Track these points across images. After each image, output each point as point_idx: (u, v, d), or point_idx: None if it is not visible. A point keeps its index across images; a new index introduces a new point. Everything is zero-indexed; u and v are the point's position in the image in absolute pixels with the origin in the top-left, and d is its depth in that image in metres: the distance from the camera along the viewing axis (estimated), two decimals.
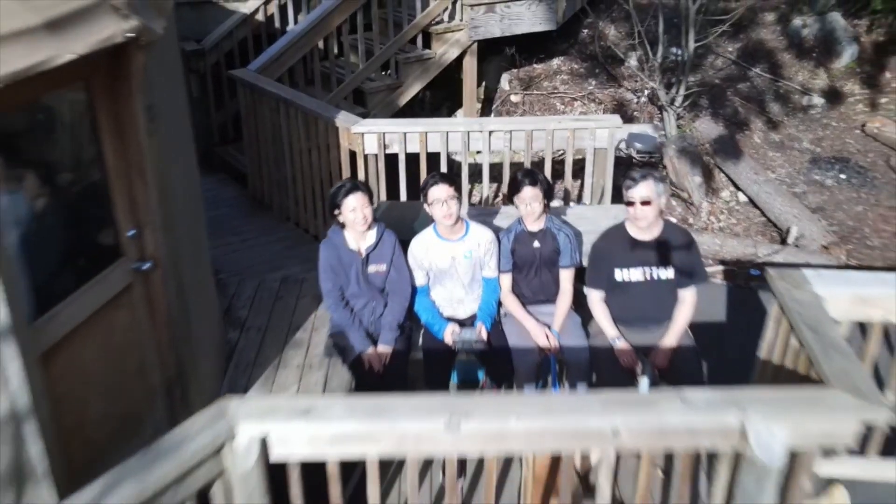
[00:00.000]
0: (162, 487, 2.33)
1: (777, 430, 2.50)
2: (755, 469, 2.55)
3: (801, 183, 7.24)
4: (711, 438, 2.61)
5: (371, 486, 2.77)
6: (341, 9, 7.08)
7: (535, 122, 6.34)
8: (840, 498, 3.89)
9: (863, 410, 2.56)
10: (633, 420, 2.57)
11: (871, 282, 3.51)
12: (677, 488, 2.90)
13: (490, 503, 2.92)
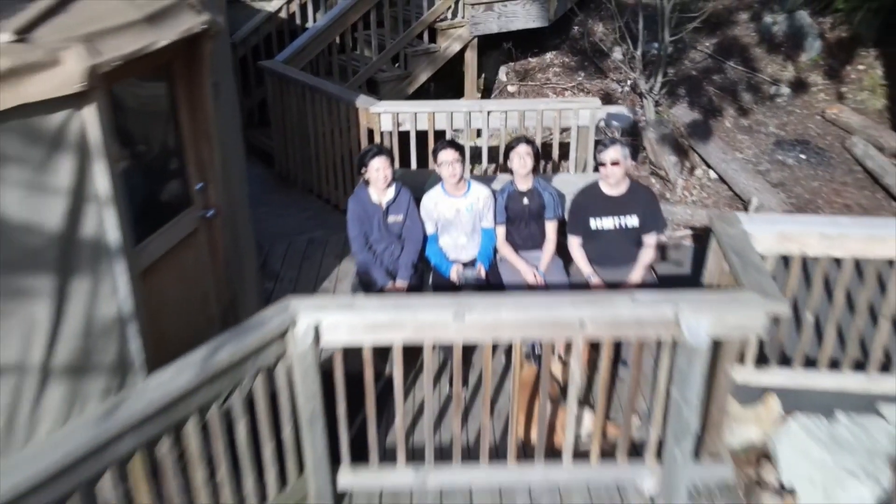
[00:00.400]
0: (245, 355, 3.13)
1: (702, 320, 3.29)
2: (686, 351, 3.34)
3: (765, 162, 8.02)
4: (655, 329, 3.40)
5: (396, 370, 3.56)
6: (357, 7, 7.87)
7: (527, 103, 7.13)
8: (773, 404, 4.68)
9: (769, 305, 3.35)
10: (596, 313, 3.37)
11: (791, 222, 4.31)
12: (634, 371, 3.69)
13: (487, 388, 3.71)
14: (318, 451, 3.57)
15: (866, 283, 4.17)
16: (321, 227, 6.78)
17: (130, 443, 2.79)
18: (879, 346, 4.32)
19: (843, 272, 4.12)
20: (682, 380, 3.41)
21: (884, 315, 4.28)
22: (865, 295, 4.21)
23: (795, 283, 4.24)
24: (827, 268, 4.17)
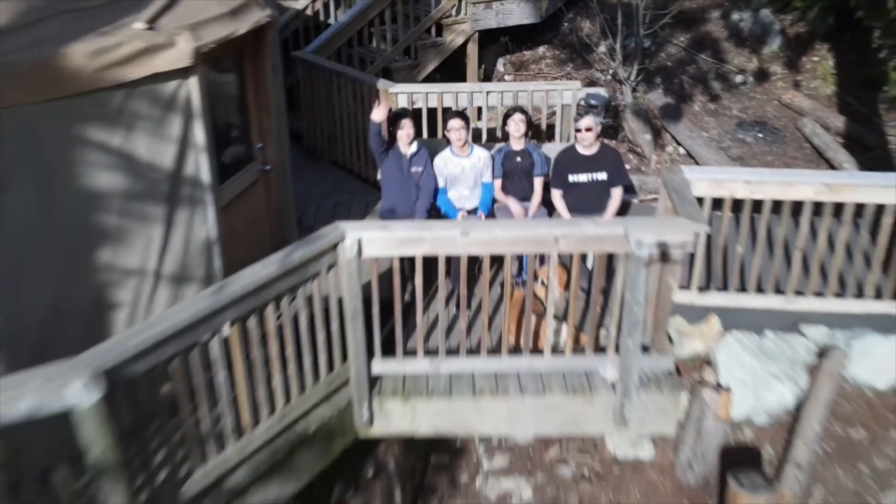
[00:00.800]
0: (311, 257, 4.19)
1: (646, 236, 4.35)
2: (635, 261, 4.40)
3: (727, 140, 9.07)
4: (611, 243, 4.47)
5: (417, 277, 4.62)
6: (374, 6, 8.92)
7: (519, 85, 8.21)
8: (714, 322, 5.75)
9: (695, 226, 4.42)
10: (566, 231, 4.45)
11: (721, 172, 5.38)
12: (596, 280, 4.76)
13: (485, 295, 4.77)
14: (358, 342, 4.64)
15: (783, 221, 5.25)
16: (345, 192, 7.84)
17: (231, 314, 3.86)
18: (795, 273, 5.40)
19: (763, 212, 5.20)
20: (632, 284, 4.47)
21: (797, 247, 5.36)
22: (782, 231, 5.29)
23: (727, 222, 5.32)
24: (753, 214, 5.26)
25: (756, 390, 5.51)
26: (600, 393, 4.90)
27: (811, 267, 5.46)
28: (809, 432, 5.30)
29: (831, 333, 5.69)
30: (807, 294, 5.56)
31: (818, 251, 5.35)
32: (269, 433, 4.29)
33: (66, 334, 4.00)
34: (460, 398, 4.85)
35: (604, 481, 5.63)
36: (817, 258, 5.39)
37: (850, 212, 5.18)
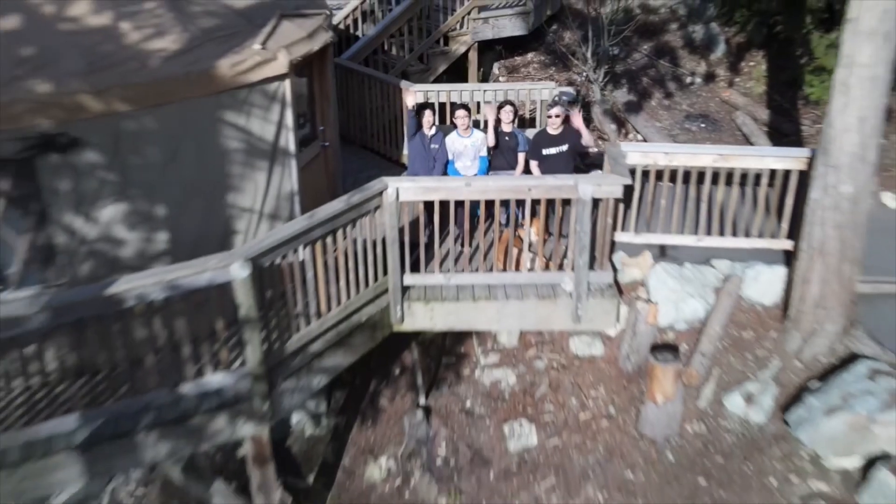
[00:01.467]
0: (364, 200, 6.14)
1: (588, 186, 6.31)
2: (581, 203, 6.36)
3: (676, 129, 10.99)
4: (566, 192, 6.42)
5: (435, 216, 6.58)
6: (395, 22, 10.83)
7: (509, 85, 10.16)
8: (647, 256, 7.68)
9: (622, 181, 6.37)
10: (535, 183, 6.41)
11: (647, 146, 7.32)
12: (556, 219, 6.71)
13: (481, 237, 6.72)
14: (395, 261, 6.58)
15: (692, 181, 7.21)
16: (374, 168, 9.75)
17: (317, 233, 5.81)
18: (703, 220, 7.36)
19: (678, 176, 7.16)
20: (580, 219, 6.41)
21: (703, 200, 7.31)
22: (695, 189, 7.25)
23: (653, 183, 7.28)
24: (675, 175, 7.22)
25: (676, 305, 7.46)
26: (562, 299, 6.84)
27: (713, 215, 7.42)
28: (713, 332, 7.28)
29: (732, 265, 7.63)
30: (713, 235, 7.51)
31: (718, 203, 7.31)
32: (337, 318, 6.24)
33: (207, 248, 5.95)
34: (464, 302, 6.79)
35: (567, 370, 7.60)
36: (718, 208, 7.34)
37: (739, 175, 7.14)
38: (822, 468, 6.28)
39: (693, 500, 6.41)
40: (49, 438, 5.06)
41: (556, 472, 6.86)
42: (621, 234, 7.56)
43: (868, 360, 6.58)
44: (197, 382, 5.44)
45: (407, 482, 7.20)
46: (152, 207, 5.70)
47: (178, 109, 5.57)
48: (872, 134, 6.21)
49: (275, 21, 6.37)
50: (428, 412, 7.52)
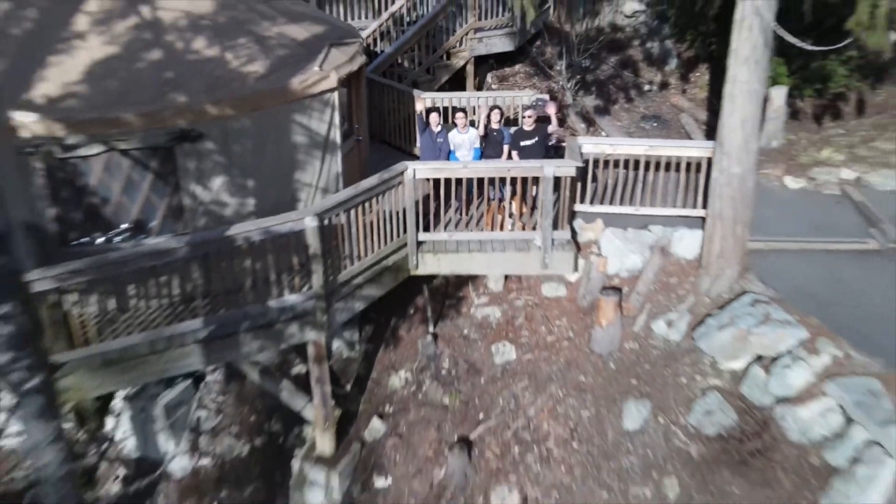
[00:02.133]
0: (391, 177, 8.41)
1: (550, 168, 8.57)
2: (545, 180, 8.62)
3: (633, 127, 13.20)
4: (536, 172, 8.69)
5: (443, 189, 8.84)
6: (408, 41, 13.05)
7: (498, 93, 12.38)
8: (600, 222, 9.93)
9: (574, 164, 8.63)
10: (514, 166, 8.69)
11: (599, 140, 9.57)
12: (530, 195, 8.95)
13: (474, 209, 8.97)
14: (411, 222, 8.81)
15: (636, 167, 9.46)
16: (392, 158, 11.94)
17: (361, 199, 8.06)
18: (638, 192, 9.62)
19: (620, 162, 9.41)
20: (545, 191, 8.65)
21: (640, 180, 9.56)
22: (631, 172, 9.50)
23: (601, 168, 9.53)
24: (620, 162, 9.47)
25: (621, 258, 9.70)
26: (533, 251, 9.08)
27: (647, 191, 9.67)
28: (647, 278, 9.53)
29: (663, 229, 9.84)
30: (647, 206, 9.77)
31: (650, 183, 9.57)
32: (371, 262, 8.48)
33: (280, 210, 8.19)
34: (462, 254, 9.02)
35: (539, 307, 9.84)
36: (650, 186, 9.61)
37: (664, 161, 9.41)
38: (717, 369, 8.53)
39: (627, 395, 8.68)
40: (183, 334, 7.32)
41: (528, 377, 9.13)
42: (579, 205, 9.81)
43: (753, 294, 8.84)
44: (279, 300, 7.70)
45: (420, 388, 9.47)
46: (246, 181, 7.96)
47: (265, 114, 7.82)
48: (752, 131, 8.45)
49: (326, 49, 8.61)
50: (435, 337, 9.78)
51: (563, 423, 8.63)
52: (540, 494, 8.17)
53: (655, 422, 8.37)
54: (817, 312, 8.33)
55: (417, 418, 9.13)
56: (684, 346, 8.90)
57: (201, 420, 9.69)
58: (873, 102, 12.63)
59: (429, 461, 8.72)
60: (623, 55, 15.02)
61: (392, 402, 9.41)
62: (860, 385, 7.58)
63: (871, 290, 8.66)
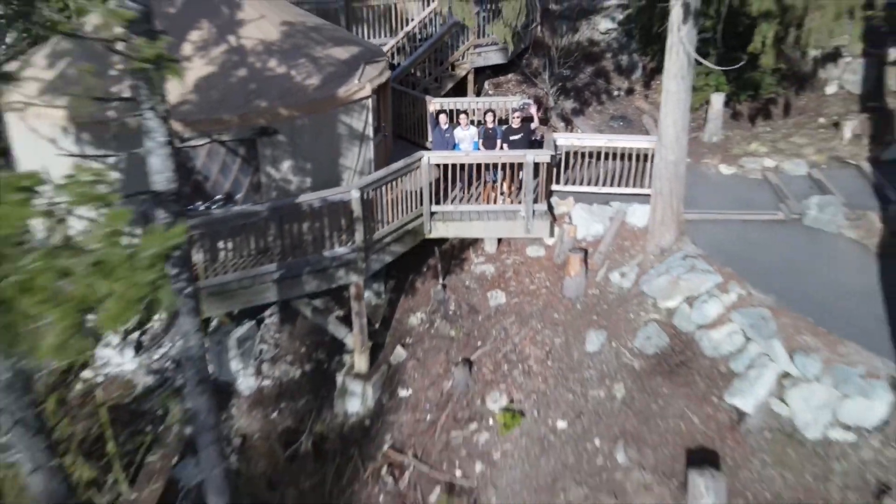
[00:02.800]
0: (412, 162, 10.92)
1: (531, 156, 11.07)
2: (527, 165, 11.12)
3: (604, 126, 15.62)
4: (520, 159, 11.18)
5: (451, 172, 11.34)
6: (420, 57, 15.51)
7: (493, 98, 14.86)
8: (571, 199, 12.44)
9: (549, 151, 11.13)
10: (504, 154, 11.21)
11: (569, 135, 12.05)
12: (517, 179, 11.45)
13: (473, 181, 11.45)
14: (426, 197, 11.29)
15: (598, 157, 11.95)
16: (408, 150, 14.42)
17: (390, 178, 10.54)
18: (601, 174, 12.12)
19: (586, 151, 11.89)
20: (526, 173, 11.14)
21: (596, 167, 12.04)
22: (596, 160, 11.99)
23: (571, 157, 12.02)
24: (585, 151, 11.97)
25: (587, 227, 12.18)
26: (519, 220, 11.58)
27: (607, 174, 12.16)
28: (607, 241, 12.01)
29: (620, 204, 12.32)
30: (608, 186, 12.26)
31: (610, 168, 12.06)
32: (396, 226, 10.94)
33: (329, 186, 10.71)
34: (465, 222, 11.50)
35: (524, 264, 12.32)
36: (610, 171, 12.09)
37: (620, 152, 11.89)
38: (656, 307, 10.99)
39: (588, 327, 11.16)
40: (262, 275, 9.79)
41: (515, 315, 11.62)
42: (556, 186, 12.28)
43: (685, 251, 11.32)
44: (330, 251, 10.18)
45: (432, 325, 11.96)
46: (305, 164, 10.44)
47: (319, 115, 10.31)
48: (682, 129, 10.90)
49: (362, 66, 11.08)
50: (444, 287, 12.26)
51: (540, 348, 11.12)
52: (522, 397, 10.67)
53: (609, 345, 10.86)
54: (730, 264, 10.81)
55: (430, 346, 11.63)
56: (633, 291, 11.38)
57: (263, 351, 12.18)
58: (796, 105, 15.09)
59: (439, 376, 11.22)
60: (597, 66, 17.46)
61: (411, 335, 11.91)
62: (755, 314, 10.07)
63: (772, 248, 11.16)
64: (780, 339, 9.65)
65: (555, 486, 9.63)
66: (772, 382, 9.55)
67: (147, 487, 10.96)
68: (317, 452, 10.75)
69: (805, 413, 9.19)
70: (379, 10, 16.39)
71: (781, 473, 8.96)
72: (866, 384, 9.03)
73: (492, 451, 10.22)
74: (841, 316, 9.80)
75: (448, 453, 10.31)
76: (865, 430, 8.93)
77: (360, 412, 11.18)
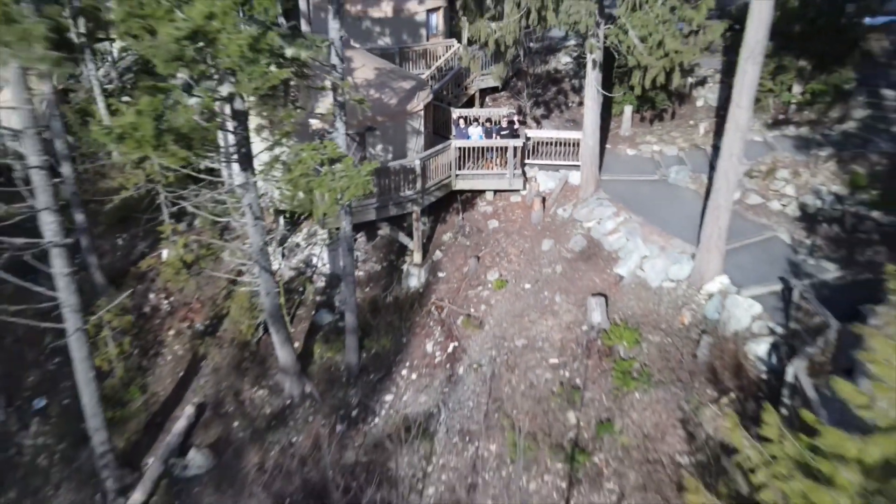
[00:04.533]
0: (443, 146, 18.39)
1: (511, 142, 18.48)
2: (510, 149, 18.53)
3: (560, 126, 22.76)
4: (505, 145, 18.60)
5: (464, 153, 18.74)
6: (447, 82, 22.75)
7: (491, 109, 22.17)
8: (536, 169, 19.82)
9: (520, 141, 18.54)
10: (497, 142, 18.67)
11: (536, 131, 19.42)
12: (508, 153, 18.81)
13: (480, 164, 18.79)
14: (454, 165, 18.58)
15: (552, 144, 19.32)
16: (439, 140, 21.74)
17: (433, 153, 17.91)
18: (555, 155, 19.51)
19: (545, 140, 19.25)
20: (510, 153, 18.47)
21: (558, 153, 19.40)
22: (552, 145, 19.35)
23: (537, 144, 19.38)
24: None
25: (545, 183, 19.52)
26: (505, 178, 18.95)
27: (558, 154, 19.54)
28: (556, 193, 19.38)
29: (564, 171, 19.67)
30: (558, 160, 19.65)
31: (559, 150, 19.43)
32: (437, 181, 18.21)
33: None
34: (476, 179, 18.88)
35: (508, 206, 19.61)
36: (555, 152, 19.47)
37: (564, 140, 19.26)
38: (582, 226, 18.33)
39: (544, 237, 18.53)
40: (367, 204, 17.18)
41: (503, 233, 18.97)
42: (528, 160, 19.63)
43: (599, 197, 18.67)
44: (404, 193, 17.58)
45: (456, 239, 19.30)
46: (389, 146, 17.86)
47: (397, 120, 17.70)
48: (595, 127, 18.22)
49: (418, 92, 18.44)
50: (463, 218, 19.64)
51: (517, 248, 18.51)
52: (506, 273, 18.03)
53: (554, 247, 18.22)
54: (622, 203, 18.13)
55: (455, 250, 19.02)
56: (569, 218, 18.74)
57: (358, 256, 19.60)
58: (678, 113, 22.37)
59: (461, 265, 18.61)
60: (559, 86, 24.66)
61: (444, 245, 19.30)
62: (631, 227, 17.42)
63: (647, 194, 18.50)
64: (642, 238, 17.03)
65: (522, 314, 17.02)
66: (637, 260, 16.93)
67: (298, 326, 18.40)
68: (395, 303, 18.18)
69: (651, 273, 16.58)
70: (419, 52, 23.69)
71: (637, 303, 16.36)
72: (680, 257, 16.43)
73: (490, 299, 17.63)
74: (675, 226, 17.16)
75: (466, 301, 17.72)
76: (678, 280, 16.32)
77: (417, 286, 18.58)
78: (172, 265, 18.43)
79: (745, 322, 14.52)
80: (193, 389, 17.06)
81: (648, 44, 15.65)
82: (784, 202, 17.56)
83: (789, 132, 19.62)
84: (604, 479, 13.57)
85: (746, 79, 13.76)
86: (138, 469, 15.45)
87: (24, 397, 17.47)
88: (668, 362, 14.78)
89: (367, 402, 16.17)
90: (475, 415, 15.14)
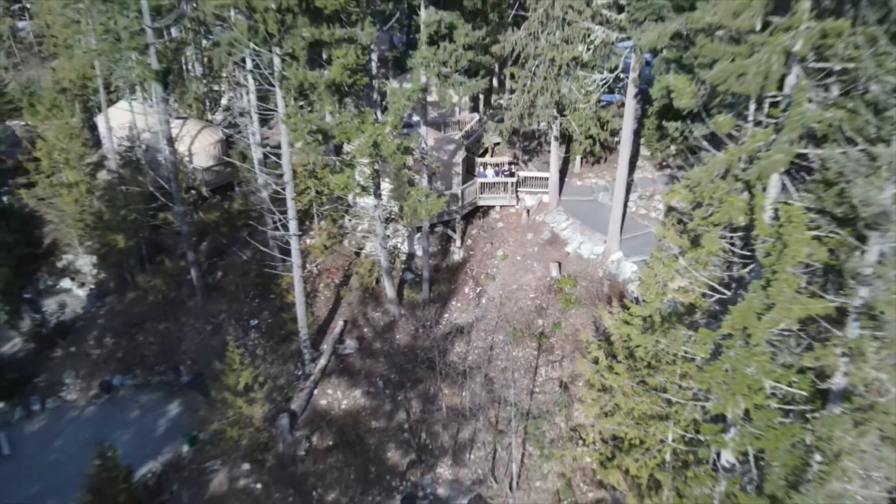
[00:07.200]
0: (470, 182, 29.73)
1: (509, 180, 29.73)
2: (510, 184, 29.73)
3: (541, 167, 33.84)
4: (507, 179, 29.84)
5: (484, 185, 30.00)
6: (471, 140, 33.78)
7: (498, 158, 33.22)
8: (523, 194, 30.97)
9: (514, 179, 29.75)
10: (502, 179, 29.98)
11: (525, 171, 30.60)
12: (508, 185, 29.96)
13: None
14: (477, 191, 29.83)
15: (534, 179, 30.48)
16: (468, 178, 32.87)
17: (465, 187, 29.09)
18: (536, 184, 30.70)
19: (529, 176, 30.41)
20: (509, 184, 29.65)
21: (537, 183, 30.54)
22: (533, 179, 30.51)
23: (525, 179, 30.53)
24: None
25: (529, 202, 30.67)
26: (507, 198, 30.09)
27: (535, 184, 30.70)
28: (534, 207, 30.53)
29: (540, 195, 30.74)
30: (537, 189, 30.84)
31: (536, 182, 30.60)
32: (468, 200, 29.35)
33: None
34: (489, 198, 30.13)
35: (508, 216, 30.75)
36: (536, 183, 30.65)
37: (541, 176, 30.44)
38: (549, 226, 29.48)
39: (528, 233, 29.71)
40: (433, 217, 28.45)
41: (506, 229, 29.83)
42: (520, 190, 30.66)
43: (560, 210, 29.84)
44: (450, 208, 28.81)
45: (479, 233, 30.37)
46: (448, 184, 29.10)
47: (448, 168, 28.96)
48: (556, 168, 29.32)
49: (458, 150, 29.58)
50: (483, 222, 30.77)
51: (513, 238, 29.59)
52: (507, 251, 29.06)
53: (533, 237, 29.16)
54: (571, 213, 29.11)
55: (479, 240, 30.05)
56: (543, 222, 29.79)
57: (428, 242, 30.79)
58: (608, 159, 33.30)
59: (482, 247, 29.68)
60: (539, 140, 35.71)
61: (473, 236, 30.31)
62: (574, 225, 28.49)
63: (586, 208, 29.67)
64: (580, 232, 28.16)
65: (516, 273, 28.04)
66: (577, 244, 27.99)
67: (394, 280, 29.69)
68: (447, 268, 29.40)
69: (584, 250, 27.51)
70: (454, 121, 34.84)
71: (576, 266, 27.34)
72: (599, 241, 27.53)
73: (499, 265, 28.69)
74: (598, 225, 28.14)
75: (484, 266, 28.77)
76: (598, 254, 27.39)
77: (458, 259, 29.65)
78: (317, 247, 29.73)
79: (628, 274, 25.68)
80: (340, 313, 28.36)
81: (581, 130, 26.86)
82: (656, 213, 28.73)
83: (666, 172, 30.75)
84: (555, 350, 24.83)
85: (623, 150, 24.95)
86: (318, 350, 26.79)
87: (244, 319, 28.83)
88: (589, 295, 26.01)
89: (435, 318, 27.47)
90: (491, 323, 26.42)
